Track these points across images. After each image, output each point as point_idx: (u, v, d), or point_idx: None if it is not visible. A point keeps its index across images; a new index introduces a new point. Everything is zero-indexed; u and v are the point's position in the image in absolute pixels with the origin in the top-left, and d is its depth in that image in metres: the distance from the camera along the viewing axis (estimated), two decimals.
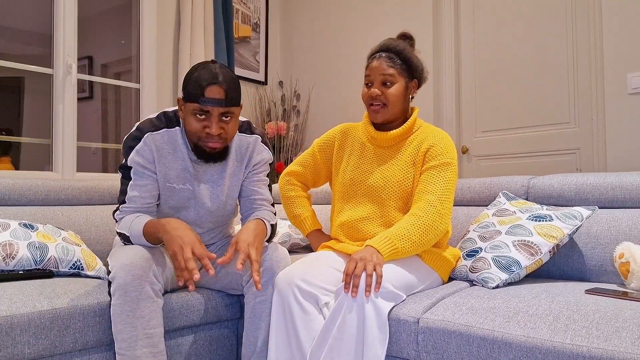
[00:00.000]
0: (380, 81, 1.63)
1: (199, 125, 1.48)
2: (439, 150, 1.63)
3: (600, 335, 1.13)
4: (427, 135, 1.68)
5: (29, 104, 3.43)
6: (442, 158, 1.61)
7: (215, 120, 1.48)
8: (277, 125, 3.51)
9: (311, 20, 3.71)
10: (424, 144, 1.65)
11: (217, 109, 1.46)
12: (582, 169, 2.65)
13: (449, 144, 1.66)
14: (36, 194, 2.08)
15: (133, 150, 1.52)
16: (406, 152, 1.67)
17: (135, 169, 1.53)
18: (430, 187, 1.58)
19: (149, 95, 3.02)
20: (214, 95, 1.45)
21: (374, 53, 1.69)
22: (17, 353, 1.33)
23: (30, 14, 3.42)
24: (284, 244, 2.34)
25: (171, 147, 1.57)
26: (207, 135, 1.49)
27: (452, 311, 1.36)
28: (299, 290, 1.45)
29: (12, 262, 1.63)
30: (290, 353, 1.44)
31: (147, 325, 1.38)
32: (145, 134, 1.53)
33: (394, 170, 1.66)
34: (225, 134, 1.52)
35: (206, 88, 1.44)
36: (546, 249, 1.58)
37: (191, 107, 1.48)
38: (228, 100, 1.47)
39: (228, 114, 1.49)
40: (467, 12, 3.07)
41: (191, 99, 1.46)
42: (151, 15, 3.03)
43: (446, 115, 3.11)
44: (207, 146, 1.51)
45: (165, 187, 1.59)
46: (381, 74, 1.63)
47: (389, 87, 1.63)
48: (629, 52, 2.41)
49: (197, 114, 1.47)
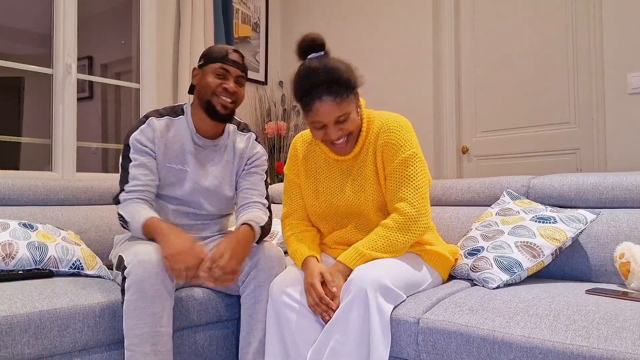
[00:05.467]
0: (334, 122, 1.45)
1: (217, 81, 1.67)
2: (393, 147, 1.51)
3: (600, 336, 1.13)
4: (378, 132, 1.55)
5: (28, 104, 3.42)
6: (399, 154, 1.51)
7: (232, 79, 1.68)
8: (277, 125, 3.51)
9: (311, 20, 3.71)
10: (378, 142, 1.54)
11: (236, 70, 1.69)
12: (582, 169, 2.65)
13: (402, 133, 1.52)
14: (36, 193, 2.08)
15: (137, 130, 1.66)
16: (368, 158, 1.56)
17: (135, 148, 1.64)
18: (398, 193, 1.50)
19: (149, 95, 3.02)
20: (236, 59, 1.69)
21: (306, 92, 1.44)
22: (17, 353, 1.32)
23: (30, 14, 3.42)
24: (283, 245, 2.34)
25: (171, 131, 1.71)
26: (224, 90, 1.66)
27: (453, 311, 1.36)
28: (289, 297, 1.47)
29: (11, 262, 1.63)
30: (287, 356, 1.45)
31: (159, 323, 1.39)
32: (149, 118, 1.69)
33: (364, 182, 1.57)
34: (237, 95, 1.70)
35: (230, 53, 1.69)
36: (549, 251, 1.58)
37: (213, 67, 1.67)
38: (244, 67, 1.72)
39: (242, 79, 1.71)
40: (467, 12, 3.07)
41: (215, 60, 1.67)
42: (151, 15, 3.02)
43: (446, 115, 3.11)
44: (220, 102, 1.67)
45: (164, 167, 1.69)
46: (335, 117, 1.44)
47: (345, 121, 1.47)
48: (629, 52, 2.41)
49: (218, 73, 1.67)
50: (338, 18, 3.54)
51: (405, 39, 3.19)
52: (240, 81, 1.71)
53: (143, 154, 1.65)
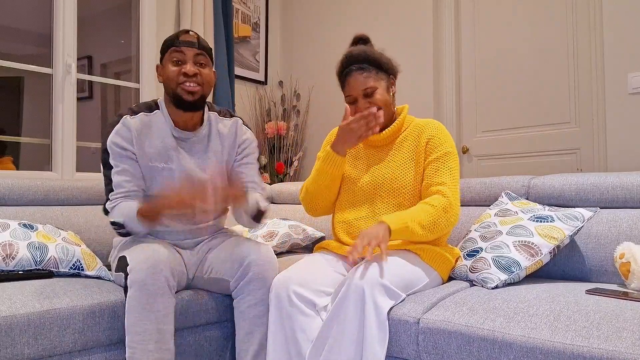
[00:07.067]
0: (363, 95, 1.63)
1: (176, 69, 1.59)
2: (438, 141, 1.65)
3: (600, 336, 1.13)
4: (423, 128, 1.69)
5: (28, 103, 3.42)
6: (443, 148, 1.63)
7: (190, 61, 1.60)
8: (277, 125, 3.51)
9: (311, 20, 3.71)
10: (422, 137, 1.67)
11: (191, 50, 1.60)
12: (582, 169, 2.65)
13: (445, 133, 1.68)
14: (36, 194, 2.08)
15: (112, 131, 1.58)
16: (402, 148, 1.69)
17: (114, 153, 1.57)
18: (437, 178, 1.60)
19: (148, 95, 3.02)
20: (187, 38, 1.61)
21: (342, 69, 1.68)
22: (17, 353, 1.32)
23: (30, 14, 3.42)
24: (283, 245, 2.34)
25: (149, 129, 1.63)
26: (185, 76, 1.58)
27: (453, 311, 1.35)
28: (296, 295, 1.46)
29: (12, 262, 1.63)
30: (288, 356, 1.44)
31: (161, 320, 1.39)
32: (123, 117, 1.61)
33: (389, 168, 1.68)
34: (201, 77, 1.61)
35: (180, 34, 1.61)
36: (546, 250, 1.58)
37: (168, 56, 1.61)
38: (200, 44, 1.62)
39: (201, 59, 1.62)
40: (467, 12, 3.07)
41: (167, 48, 1.61)
42: (151, 15, 3.02)
43: (446, 115, 3.11)
44: (185, 90, 1.58)
45: (148, 167, 1.62)
46: (361, 89, 1.62)
47: (372, 95, 1.63)
48: (629, 52, 2.41)
49: (174, 60, 1.60)
50: (338, 18, 3.54)
51: (405, 39, 3.19)
52: (199, 60, 1.61)
53: (123, 158, 1.58)
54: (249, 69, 3.64)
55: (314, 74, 3.68)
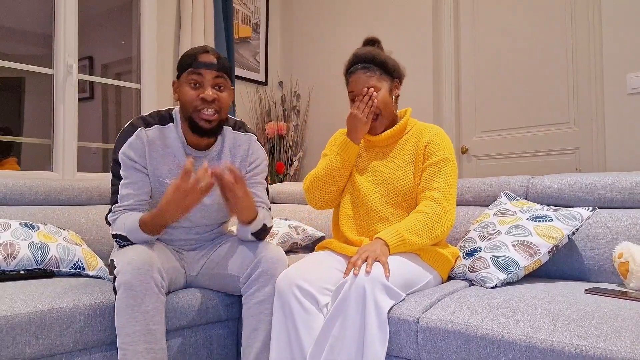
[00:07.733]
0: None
1: (193, 94, 1.53)
2: (437, 146, 1.67)
3: (599, 335, 1.13)
4: (424, 132, 1.72)
5: (29, 104, 3.43)
6: (440, 154, 1.66)
7: (208, 84, 1.54)
8: (277, 125, 3.52)
9: (311, 20, 3.72)
10: (422, 140, 1.69)
11: (210, 72, 1.53)
12: (581, 169, 2.66)
13: (445, 139, 1.70)
14: (37, 194, 2.08)
15: (125, 143, 1.55)
16: (403, 150, 1.72)
17: (125, 165, 1.55)
18: (432, 184, 1.63)
19: (149, 96, 3.02)
20: (206, 59, 1.53)
21: (348, 68, 1.72)
22: (18, 353, 1.33)
23: (31, 14, 3.43)
24: (284, 244, 2.34)
25: (163, 143, 1.61)
26: (202, 101, 1.53)
27: (452, 311, 1.36)
28: (300, 290, 1.46)
29: (13, 262, 1.63)
30: (291, 354, 1.45)
31: (150, 320, 1.39)
32: (137, 129, 1.57)
33: (389, 169, 1.70)
34: (219, 102, 1.56)
35: (199, 55, 1.54)
36: (545, 249, 1.59)
37: (185, 77, 1.54)
38: (220, 66, 1.55)
39: (221, 82, 1.56)
40: (467, 13, 3.07)
41: (185, 68, 1.54)
42: (151, 15, 3.03)
43: (446, 115, 3.12)
44: (202, 117, 1.54)
45: (157, 183, 1.60)
46: (363, 87, 1.66)
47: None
48: (628, 52, 2.42)
49: (192, 82, 1.54)
50: (338, 18, 3.55)
51: (405, 39, 3.20)
52: (218, 83, 1.56)
53: (134, 171, 1.56)
54: (249, 70, 3.65)
55: (314, 74, 3.69)
